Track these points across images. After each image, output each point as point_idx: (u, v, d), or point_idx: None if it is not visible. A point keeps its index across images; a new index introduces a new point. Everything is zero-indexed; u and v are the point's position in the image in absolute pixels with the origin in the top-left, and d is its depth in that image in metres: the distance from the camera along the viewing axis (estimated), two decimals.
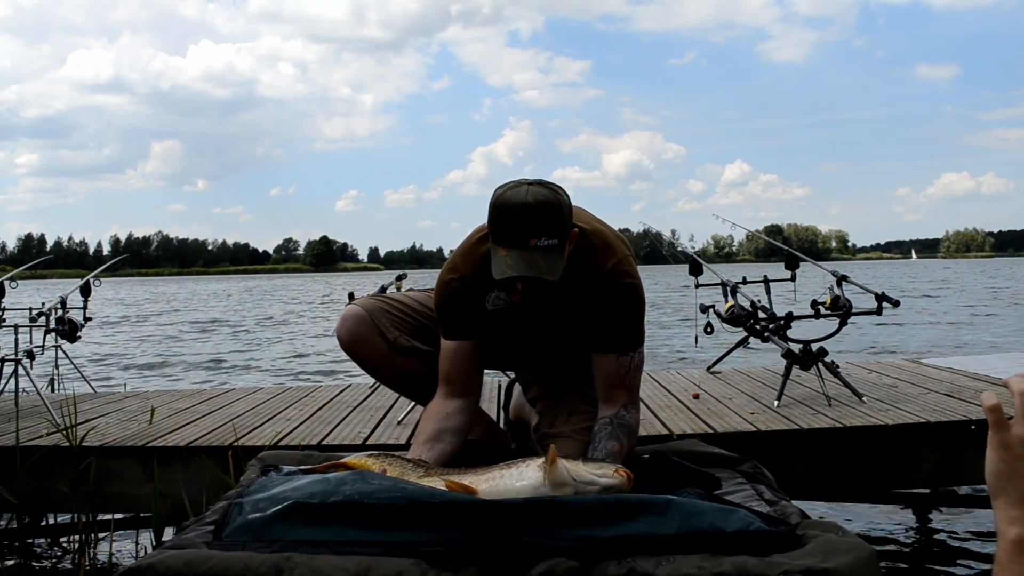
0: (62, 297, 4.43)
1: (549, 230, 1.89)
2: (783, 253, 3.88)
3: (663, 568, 1.38)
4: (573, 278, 2.04)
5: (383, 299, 2.42)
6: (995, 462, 0.83)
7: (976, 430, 2.88)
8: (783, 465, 2.76)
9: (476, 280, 2.12)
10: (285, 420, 3.41)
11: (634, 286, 2.12)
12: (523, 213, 1.88)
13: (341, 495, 1.55)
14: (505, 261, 1.90)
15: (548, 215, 1.89)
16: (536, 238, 1.88)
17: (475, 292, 2.15)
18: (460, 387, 2.19)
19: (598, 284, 2.09)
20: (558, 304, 2.11)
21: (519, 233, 1.88)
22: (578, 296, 2.10)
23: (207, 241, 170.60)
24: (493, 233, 1.94)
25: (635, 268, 2.14)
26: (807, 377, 3.61)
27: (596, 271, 2.09)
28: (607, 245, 2.11)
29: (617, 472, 1.71)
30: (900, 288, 24.84)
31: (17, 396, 3.93)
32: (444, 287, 2.18)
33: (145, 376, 9.32)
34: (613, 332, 2.13)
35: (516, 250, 1.89)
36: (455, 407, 2.17)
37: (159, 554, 1.44)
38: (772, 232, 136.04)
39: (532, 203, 1.88)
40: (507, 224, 1.90)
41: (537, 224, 1.88)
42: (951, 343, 10.49)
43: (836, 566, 1.33)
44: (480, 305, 2.15)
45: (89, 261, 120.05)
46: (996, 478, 0.83)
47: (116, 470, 2.91)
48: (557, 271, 1.91)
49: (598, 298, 2.10)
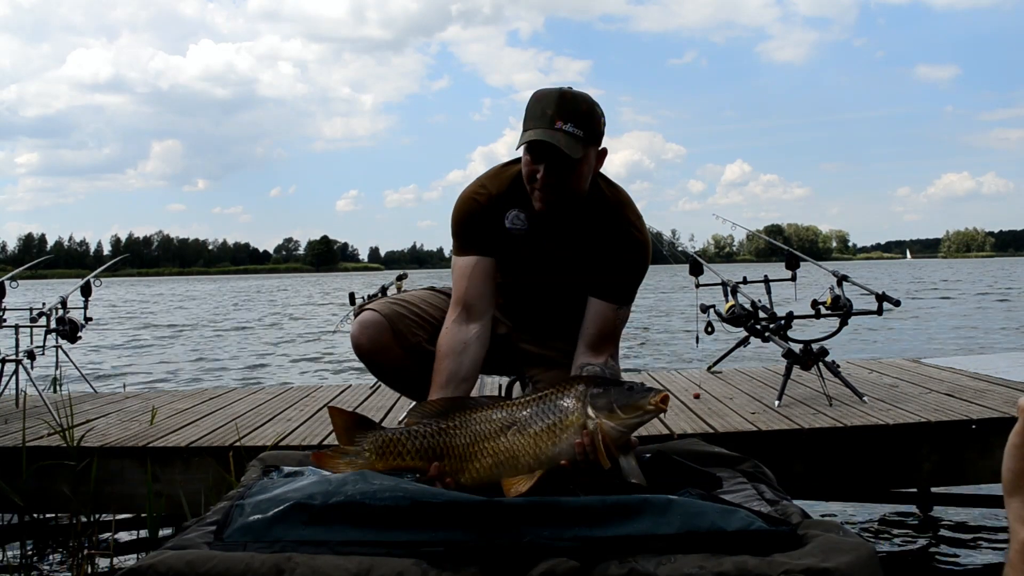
0: (62, 297, 4.43)
1: (576, 119, 1.97)
2: (783, 253, 3.87)
3: (664, 568, 1.38)
4: (592, 216, 2.13)
5: (398, 302, 2.36)
6: (1016, 459, 0.82)
7: (976, 430, 2.88)
8: (784, 465, 2.76)
9: (500, 198, 2.17)
10: (286, 420, 3.41)
11: (646, 245, 2.22)
12: (555, 97, 1.99)
13: (342, 495, 1.55)
14: (530, 135, 1.97)
15: (578, 106, 1.98)
16: (563, 122, 1.95)
17: (497, 210, 2.17)
18: (477, 309, 2.16)
19: (615, 231, 2.16)
20: (572, 239, 2.14)
21: (548, 114, 1.97)
22: (593, 238, 2.15)
23: (207, 241, 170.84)
24: (526, 119, 2.01)
25: (648, 234, 2.24)
26: (808, 377, 3.61)
27: (616, 219, 2.17)
28: (631, 204, 2.22)
29: (653, 403, 1.71)
30: (893, 288, 24.82)
31: (17, 396, 3.93)
32: (468, 200, 2.20)
33: (148, 377, 9.32)
34: (617, 282, 2.18)
35: (542, 128, 1.97)
36: (472, 334, 2.14)
37: (160, 554, 1.44)
38: (772, 232, 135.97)
39: (567, 93, 2.00)
40: (538, 105, 2.00)
41: (566, 110, 1.96)
42: (951, 343, 10.49)
43: (837, 566, 1.33)
44: (500, 226, 2.17)
45: (89, 261, 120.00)
46: (1015, 476, 0.82)
47: (117, 470, 2.90)
48: (577, 154, 1.97)
49: (611, 245, 2.16)
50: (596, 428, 1.71)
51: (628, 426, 1.73)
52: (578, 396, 1.74)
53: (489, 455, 1.75)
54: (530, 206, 2.13)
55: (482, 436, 1.76)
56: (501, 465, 1.75)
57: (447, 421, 1.80)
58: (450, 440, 1.78)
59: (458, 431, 1.78)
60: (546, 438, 1.73)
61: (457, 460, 1.77)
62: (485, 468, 1.75)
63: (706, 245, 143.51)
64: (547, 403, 1.76)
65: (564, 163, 1.99)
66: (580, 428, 1.72)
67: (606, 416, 1.72)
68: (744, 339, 4.08)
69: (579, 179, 2.05)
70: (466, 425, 1.78)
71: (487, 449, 1.75)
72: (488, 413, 1.79)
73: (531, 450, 1.73)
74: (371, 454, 1.81)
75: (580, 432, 1.71)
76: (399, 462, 1.80)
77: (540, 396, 1.79)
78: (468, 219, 2.19)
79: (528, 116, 2.02)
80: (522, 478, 1.73)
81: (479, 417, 1.79)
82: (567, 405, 1.75)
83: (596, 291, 2.18)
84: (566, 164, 1.99)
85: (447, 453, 1.77)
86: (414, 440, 1.80)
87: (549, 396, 1.77)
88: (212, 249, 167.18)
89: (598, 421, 1.71)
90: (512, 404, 1.80)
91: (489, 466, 1.75)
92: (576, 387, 1.77)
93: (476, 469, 1.76)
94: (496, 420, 1.77)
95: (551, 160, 1.99)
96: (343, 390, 4.31)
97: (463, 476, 1.76)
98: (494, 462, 1.75)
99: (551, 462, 1.73)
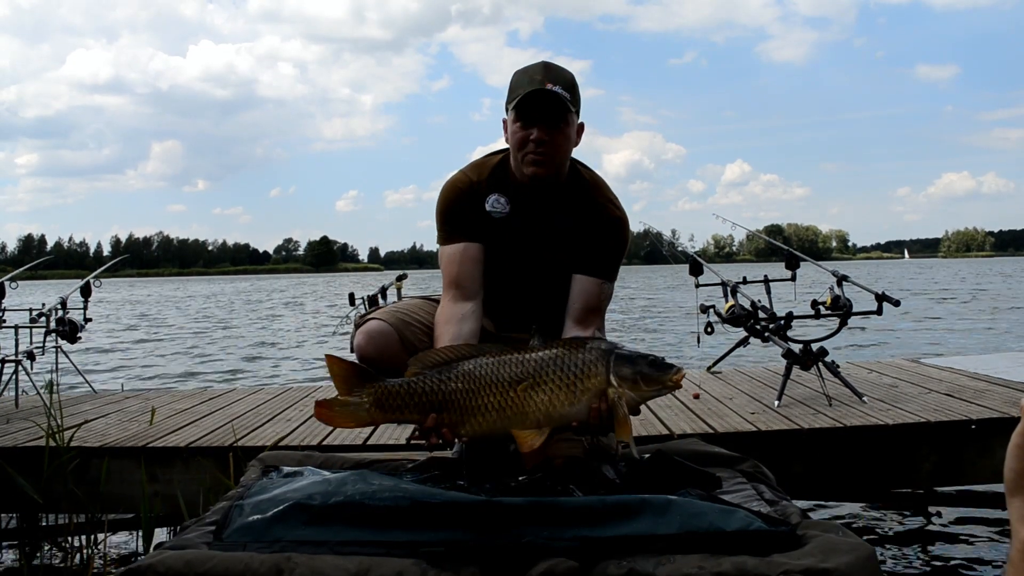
0: (62, 298, 4.43)
1: (563, 83, 2.09)
2: (783, 253, 3.88)
3: (663, 568, 1.38)
4: (570, 196, 2.21)
5: (400, 310, 2.32)
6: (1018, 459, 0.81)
7: (976, 430, 2.88)
8: (783, 465, 2.76)
9: (481, 184, 2.23)
10: (285, 421, 3.41)
11: (625, 220, 2.29)
12: (541, 67, 2.12)
13: (342, 495, 1.55)
14: (524, 92, 2.06)
15: (563, 72, 2.12)
16: (552, 84, 2.07)
17: (479, 196, 2.23)
18: (469, 289, 2.19)
19: (593, 209, 2.23)
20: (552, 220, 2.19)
21: (537, 79, 2.08)
22: (572, 217, 2.21)
23: (207, 242, 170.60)
24: (513, 90, 2.12)
25: (625, 210, 2.31)
26: (807, 377, 3.61)
27: (593, 197, 2.24)
28: (605, 183, 2.31)
29: (673, 380, 1.72)
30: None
31: (17, 397, 3.93)
32: (451, 188, 2.26)
33: (149, 376, 9.32)
34: (600, 258, 2.23)
35: (534, 88, 2.06)
36: (468, 309, 2.17)
37: (159, 554, 1.44)
38: (772, 232, 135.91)
39: (550, 63, 2.14)
40: (524, 75, 2.11)
41: (552, 75, 2.09)
42: (951, 344, 10.49)
43: (836, 566, 1.33)
44: (482, 210, 2.22)
45: (89, 262, 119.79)
46: (1017, 475, 0.81)
47: (116, 471, 2.90)
48: (569, 110, 2.09)
49: (591, 223, 2.22)
50: (620, 398, 1.68)
51: (646, 399, 1.73)
52: (601, 360, 1.71)
53: (495, 408, 1.70)
54: (510, 191, 2.21)
55: (489, 388, 1.71)
56: (507, 419, 1.70)
57: (450, 372, 1.75)
58: (453, 392, 1.72)
59: (462, 382, 1.72)
60: (563, 397, 1.70)
61: (459, 412, 1.72)
62: (489, 421, 1.71)
63: (706, 245, 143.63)
64: (566, 361, 1.71)
65: (558, 118, 2.09)
66: (600, 393, 1.70)
67: (629, 387, 1.70)
68: (744, 339, 4.08)
69: (566, 142, 2.14)
70: (472, 377, 1.72)
71: (493, 402, 1.70)
72: (496, 365, 1.73)
73: (544, 407, 1.70)
74: (371, 406, 1.77)
75: (599, 397, 1.70)
76: (399, 415, 1.76)
77: (556, 353, 1.73)
78: (452, 206, 2.24)
79: (514, 87, 2.13)
80: (533, 433, 1.70)
81: (486, 369, 1.73)
82: (589, 368, 1.71)
83: (580, 267, 2.22)
84: (559, 120, 2.09)
85: (449, 405, 1.72)
86: (415, 392, 1.75)
87: (568, 354, 1.72)
88: (212, 250, 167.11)
89: (621, 391, 1.69)
90: (523, 357, 1.74)
91: (493, 420, 1.71)
92: (598, 349, 1.73)
93: (479, 422, 1.71)
94: (505, 372, 1.72)
95: (544, 119, 2.08)
96: None
97: (463, 428, 1.72)
98: (499, 416, 1.70)
99: (563, 421, 1.71)
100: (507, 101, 2.15)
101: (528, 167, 2.13)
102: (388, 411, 1.76)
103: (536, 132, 2.09)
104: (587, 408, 1.70)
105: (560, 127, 2.10)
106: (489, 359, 1.75)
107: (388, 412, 1.76)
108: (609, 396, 1.69)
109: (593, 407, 1.70)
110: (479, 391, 1.71)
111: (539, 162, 2.11)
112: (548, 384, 1.70)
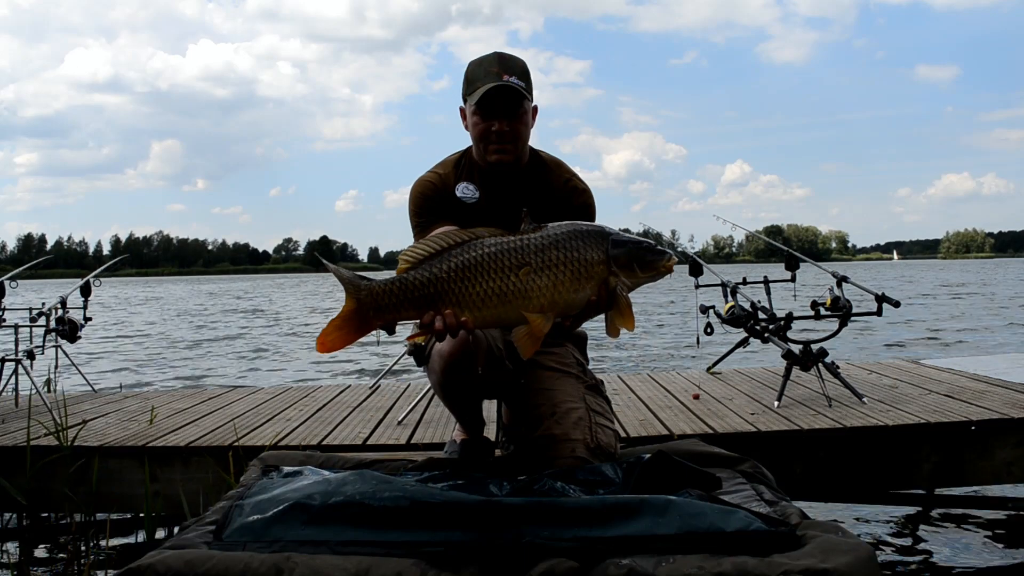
0: (62, 297, 4.43)
1: (518, 73, 2.19)
2: (783, 254, 3.88)
3: (663, 568, 1.37)
4: (534, 176, 2.30)
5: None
6: None
7: (976, 431, 2.89)
8: (783, 465, 2.76)
9: (449, 177, 2.33)
10: (285, 420, 3.41)
11: (590, 192, 2.37)
12: (495, 58, 2.21)
13: (342, 496, 1.55)
14: (484, 87, 2.15)
15: (516, 62, 2.22)
16: (508, 75, 2.16)
17: (449, 187, 2.31)
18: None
19: (557, 185, 2.32)
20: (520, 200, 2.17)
21: (493, 71, 2.17)
22: (538, 196, 2.27)
23: (207, 241, 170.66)
24: (470, 83, 2.20)
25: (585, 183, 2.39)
26: (807, 378, 3.61)
27: (556, 174, 2.34)
28: (565, 164, 2.40)
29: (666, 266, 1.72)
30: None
31: (17, 396, 3.93)
32: (421, 183, 2.34)
33: (152, 374, 9.31)
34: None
35: (491, 81, 2.15)
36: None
37: (159, 554, 1.44)
38: (772, 232, 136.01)
39: (503, 54, 2.23)
40: (480, 68, 2.20)
41: (507, 66, 2.19)
42: (951, 343, 10.50)
43: (836, 566, 1.33)
44: (453, 198, 2.29)
45: (89, 261, 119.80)
46: None
47: (116, 470, 2.90)
48: (526, 101, 2.19)
49: (558, 198, 2.30)
50: (621, 288, 1.67)
51: (640, 285, 1.72)
52: (599, 245, 1.69)
53: (496, 294, 1.67)
54: (477, 178, 2.30)
55: (488, 274, 1.67)
56: (509, 305, 1.67)
57: (446, 261, 1.68)
58: (449, 281, 1.67)
59: (458, 272, 1.67)
60: (569, 284, 1.67)
61: (457, 302, 1.67)
62: (491, 308, 1.67)
63: (706, 246, 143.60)
64: (566, 247, 1.68)
65: (516, 108, 2.18)
66: (601, 281, 1.69)
67: (626, 274, 1.69)
68: (744, 340, 4.08)
69: (525, 129, 2.25)
70: (469, 265, 1.67)
71: (494, 287, 1.67)
72: (492, 249, 1.68)
73: (548, 292, 1.67)
74: (367, 308, 1.70)
75: (599, 285, 1.69)
76: (395, 315, 1.70)
77: (554, 238, 1.69)
78: (424, 202, 2.31)
79: (471, 79, 2.21)
80: (539, 317, 1.67)
81: (482, 254, 1.68)
82: (589, 254, 1.68)
83: None
84: (517, 109, 2.18)
85: (447, 297, 1.67)
86: (408, 288, 1.69)
87: (567, 240, 1.69)
88: (211, 249, 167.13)
89: (620, 279, 1.68)
90: (520, 242, 1.69)
91: (495, 305, 1.67)
92: (597, 233, 1.71)
93: (480, 309, 1.67)
94: (504, 257, 1.67)
95: (503, 111, 2.18)
96: (342, 390, 4.31)
97: (465, 316, 1.68)
98: (501, 302, 1.67)
99: (566, 308, 1.70)
100: (465, 92, 2.25)
101: (492, 155, 2.24)
102: (383, 312, 1.70)
103: (497, 124, 2.20)
104: (588, 296, 1.70)
105: (518, 115, 2.21)
106: (484, 247, 1.69)
107: (383, 313, 1.70)
108: (610, 283, 1.69)
109: (592, 296, 1.71)
110: (477, 277, 1.67)
111: (502, 151, 2.23)
112: (552, 270, 1.67)
